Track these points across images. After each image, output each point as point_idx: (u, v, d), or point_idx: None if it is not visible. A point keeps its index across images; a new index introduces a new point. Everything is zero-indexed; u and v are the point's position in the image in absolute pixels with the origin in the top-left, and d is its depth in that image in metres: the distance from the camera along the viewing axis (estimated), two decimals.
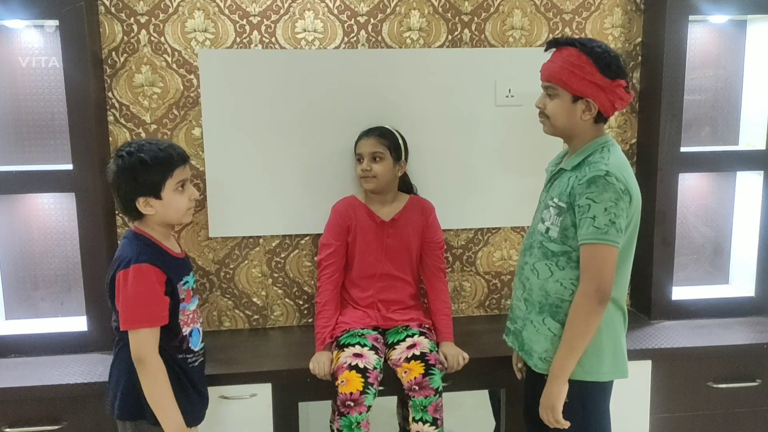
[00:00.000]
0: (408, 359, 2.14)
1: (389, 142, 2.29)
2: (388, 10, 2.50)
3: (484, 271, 2.72)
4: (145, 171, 1.78)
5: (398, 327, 2.31)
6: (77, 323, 2.45)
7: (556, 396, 1.77)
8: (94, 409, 2.11)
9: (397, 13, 2.50)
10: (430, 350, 2.17)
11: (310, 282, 2.63)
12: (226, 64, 2.42)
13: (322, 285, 2.33)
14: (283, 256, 2.60)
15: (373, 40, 2.51)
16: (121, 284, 1.77)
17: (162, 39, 2.41)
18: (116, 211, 2.44)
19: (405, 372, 2.12)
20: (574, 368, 1.76)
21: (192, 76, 2.45)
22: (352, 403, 2.03)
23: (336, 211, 2.38)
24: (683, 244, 2.77)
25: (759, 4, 2.52)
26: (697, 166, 2.62)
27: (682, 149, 2.55)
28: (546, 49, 1.86)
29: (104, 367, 1.91)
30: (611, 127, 2.66)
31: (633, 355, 1.91)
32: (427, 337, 2.25)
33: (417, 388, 2.08)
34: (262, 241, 2.58)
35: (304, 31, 2.47)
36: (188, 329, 1.91)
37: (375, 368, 2.11)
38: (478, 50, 2.55)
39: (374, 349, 2.19)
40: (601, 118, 1.80)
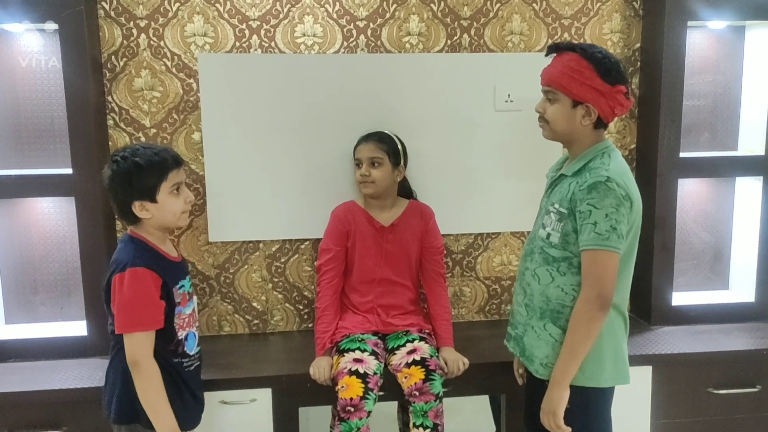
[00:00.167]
0: (408, 364, 2.13)
1: (388, 147, 2.30)
2: (388, 15, 2.50)
3: (484, 276, 2.72)
4: (140, 175, 1.79)
5: (398, 332, 2.31)
6: (77, 328, 2.44)
7: (558, 402, 1.76)
8: (94, 414, 2.11)
9: (396, 17, 2.51)
10: (431, 355, 2.17)
11: (310, 287, 2.63)
12: (226, 69, 2.42)
13: (322, 290, 2.33)
14: (283, 260, 2.60)
15: (373, 44, 2.51)
16: (117, 288, 1.78)
17: (162, 43, 2.42)
18: (116, 216, 2.44)
19: (405, 377, 2.11)
20: (575, 374, 1.76)
21: (191, 81, 2.45)
22: (353, 409, 2.03)
23: (335, 216, 2.38)
24: (683, 250, 2.77)
25: (757, 10, 2.52)
26: (697, 171, 2.62)
27: (682, 155, 2.56)
28: (547, 54, 1.86)
29: (104, 372, 1.91)
30: (610, 133, 2.66)
31: (633, 360, 1.91)
32: (427, 343, 2.24)
33: (417, 394, 2.08)
34: (262, 245, 2.58)
35: (304, 35, 2.48)
36: (184, 333, 1.90)
37: (375, 373, 2.10)
38: (477, 55, 2.56)
39: (374, 354, 2.18)
40: (601, 124, 1.80)
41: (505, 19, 2.56)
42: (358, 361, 2.13)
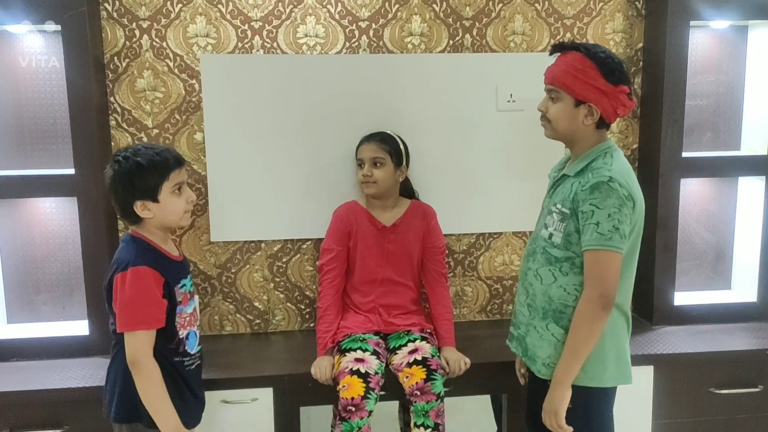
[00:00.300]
0: (410, 364, 2.14)
1: (390, 147, 2.30)
2: (390, 16, 2.50)
3: (486, 276, 2.72)
4: (141, 174, 1.80)
5: (400, 332, 2.31)
6: (79, 327, 2.45)
7: (560, 401, 1.76)
8: (96, 413, 2.10)
9: (398, 18, 2.51)
10: (432, 355, 2.17)
11: (311, 286, 2.63)
12: (228, 69, 2.42)
13: (324, 290, 2.33)
14: (284, 260, 2.60)
15: (375, 45, 2.51)
16: (118, 287, 1.78)
17: (164, 44, 2.42)
18: (118, 217, 2.44)
19: (406, 377, 2.11)
20: (577, 374, 1.76)
21: (194, 81, 2.45)
22: (354, 408, 2.03)
23: (337, 216, 2.38)
24: (685, 250, 2.77)
25: (760, 10, 2.52)
26: (699, 171, 2.62)
27: (684, 155, 2.56)
28: (551, 53, 1.86)
29: (105, 371, 1.91)
30: (612, 132, 2.65)
31: (635, 360, 1.91)
32: (428, 342, 2.24)
33: (419, 393, 2.08)
34: (263, 245, 2.58)
35: (306, 36, 2.48)
36: (185, 332, 1.91)
37: (376, 373, 2.10)
38: (479, 55, 2.56)
39: (376, 353, 2.18)
40: (603, 124, 1.80)
41: (507, 19, 2.56)
42: (359, 360, 2.13)
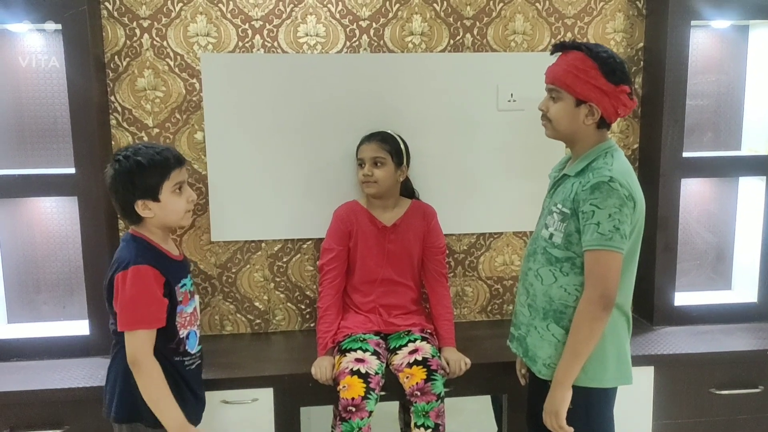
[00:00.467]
0: (410, 364, 2.13)
1: (391, 147, 2.29)
2: (390, 15, 2.50)
3: (486, 276, 2.72)
4: (142, 174, 1.79)
5: (400, 332, 2.31)
6: (79, 327, 2.45)
7: (560, 402, 1.76)
8: (96, 413, 2.10)
9: (399, 17, 2.51)
10: (432, 355, 2.17)
11: (312, 286, 2.63)
12: (229, 68, 2.42)
13: (324, 290, 2.33)
14: (285, 260, 2.60)
15: (375, 44, 2.51)
16: (119, 286, 1.78)
17: (164, 43, 2.42)
18: (118, 216, 2.44)
19: (407, 377, 2.11)
20: (578, 374, 1.76)
21: (194, 80, 2.45)
22: (354, 409, 2.03)
23: (338, 216, 2.38)
24: (685, 250, 2.77)
25: (761, 10, 2.52)
26: (700, 171, 2.62)
27: (685, 154, 2.55)
28: (552, 53, 1.86)
29: (106, 371, 1.91)
30: (613, 132, 2.65)
31: (635, 361, 1.91)
32: (429, 343, 2.24)
33: (419, 394, 2.08)
34: (264, 245, 2.58)
35: (306, 35, 2.48)
36: (185, 332, 1.91)
37: (377, 373, 2.10)
38: (480, 55, 2.55)
39: (376, 354, 2.18)
40: (604, 124, 1.80)
41: (508, 18, 2.56)
42: (359, 361, 2.13)
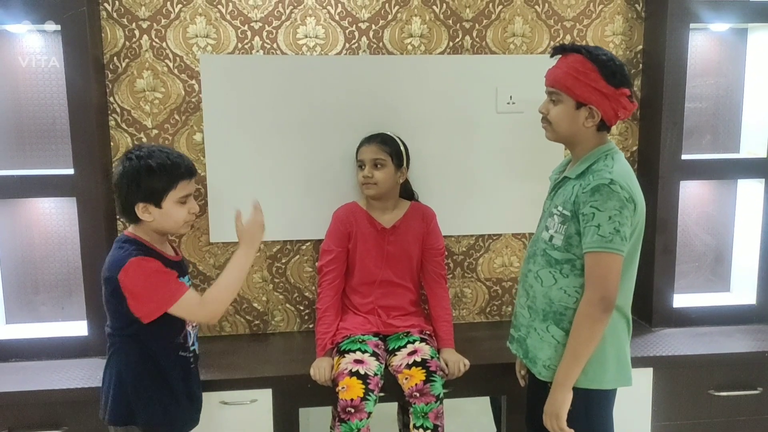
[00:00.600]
0: (409, 366, 2.13)
1: (391, 148, 2.29)
2: (390, 17, 2.50)
3: (485, 278, 2.72)
4: (149, 177, 1.78)
5: (399, 333, 2.31)
6: (78, 328, 2.44)
7: (561, 404, 1.76)
8: (94, 414, 2.09)
9: (398, 19, 2.51)
10: (431, 357, 2.17)
11: (310, 287, 2.63)
12: (228, 70, 2.42)
13: (323, 291, 2.32)
14: (284, 261, 2.60)
15: (375, 46, 2.51)
16: (127, 285, 1.75)
17: (164, 44, 2.42)
18: (117, 216, 2.44)
19: (406, 378, 2.11)
20: (578, 376, 1.76)
21: (193, 82, 2.45)
22: (353, 410, 2.03)
23: (337, 217, 2.38)
24: (684, 252, 2.77)
25: (760, 13, 2.52)
26: (699, 173, 2.62)
27: (683, 157, 2.56)
28: (552, 55, 1.86)
29: (103, 372, 1.91)
30: (612, 135, 2.66)
31: (634, 362, 1.91)
32: (428, 344, 2.24)
33: (418, 395, 2.08)
34: (262, 246, 2.57)
35: (306, 37, 2.48)
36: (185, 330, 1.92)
37: (376, 374, 2.10)
38: (479, 57, 2.56)
39: (375, 355, 2.18)
40: (604, 127, 1.80)
41: (507, 21, 2.56)
42: (358, 362, 2.12)
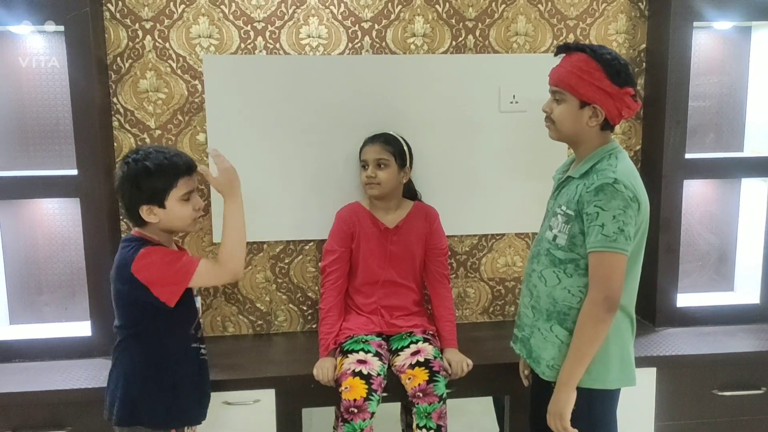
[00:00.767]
0: (412, 366, 2.13)
1: (394, 148, 2.29)
2: (393, 16, 2.50)
3: (488, 278, 2.72)
4: (148, 179, 1.79)
5: (402, 333, 2.31)
6: (81, 328, 2.45)
7: (564, 403, 1.76)
8: (99, 415, 2.10)
9: (401, 19, 2.51)
10: (434, 357, 2.17)
11: (314, 288, 2.63)
12: (231, 70, 2.42)
13: (326, 291, 2.32)
14: (287, 261, 2.60)
15: (378, 46, 2.51)
16: (143, 273, 1.76)
17: (167, 45, 2.42)
18: (121, 217, 2.45)
19: (409, 378, 2.11)
20: (582, 376, 1.75)
21: (196, 82, 2.45)
22: (356, 410, 2.03)
23: (340, 217, 2.37)
24: (688, 251, 2.76)
25: (763, 11, 2.52)
26: (702, 172, 2.61)
27: (687, 156, 2.55)
28: (556, 54, 1.85)
29: (108, 373, 1.91)
30: (615, 134, 2.65)
31: (638, 362, 1.90)
32: (431, 344, 2.24)
33: (421, 395, 2.08)
34: (266, 246, 2.58)
35: (309, 37, 2.48)
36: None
37: (379, 375, 2.10)
38: (482, 56, 2.55)
39: (378, 355, 2.18)
40: (608, 126, 1.80)
41: (510, 20, 2.56)
42: (361, 362, 2.12)
